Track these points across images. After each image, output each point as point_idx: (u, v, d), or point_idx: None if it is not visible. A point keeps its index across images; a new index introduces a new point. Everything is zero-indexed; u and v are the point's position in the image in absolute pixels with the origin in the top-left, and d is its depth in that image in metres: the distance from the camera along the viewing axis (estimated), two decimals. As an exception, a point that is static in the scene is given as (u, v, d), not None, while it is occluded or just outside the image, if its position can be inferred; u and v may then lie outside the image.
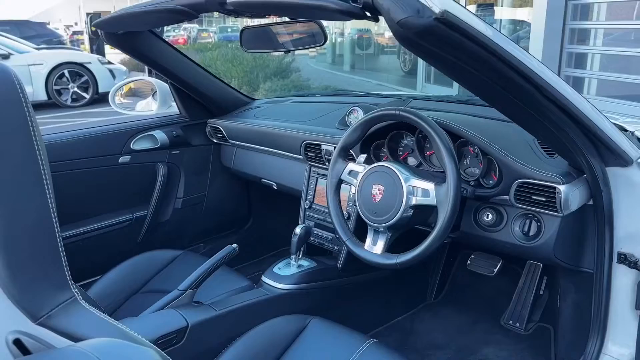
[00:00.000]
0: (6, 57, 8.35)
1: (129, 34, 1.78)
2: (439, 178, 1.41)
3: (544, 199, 1.34)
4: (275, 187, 2.15)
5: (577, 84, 5.69)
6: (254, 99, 2.45)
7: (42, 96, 8.54)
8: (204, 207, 2.34)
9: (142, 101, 2.39)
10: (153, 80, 2.25)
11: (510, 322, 2.00)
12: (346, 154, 1.56)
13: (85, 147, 1.98)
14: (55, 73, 8.60)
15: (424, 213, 1.43)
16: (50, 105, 8.62)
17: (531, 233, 1.42)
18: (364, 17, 0.97)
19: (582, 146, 1.21)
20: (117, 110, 2.27)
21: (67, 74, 8.71)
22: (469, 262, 2.11)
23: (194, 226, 2.34)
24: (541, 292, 1.99)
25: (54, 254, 0.69)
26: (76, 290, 0.72)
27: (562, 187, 1.29)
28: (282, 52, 1.59)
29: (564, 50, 5.70)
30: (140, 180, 2.14)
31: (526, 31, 6.76)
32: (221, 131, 2.24)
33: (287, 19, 1.43)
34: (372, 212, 1.43)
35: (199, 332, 1.45)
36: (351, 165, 1.53)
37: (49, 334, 0.67)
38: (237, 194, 2.49)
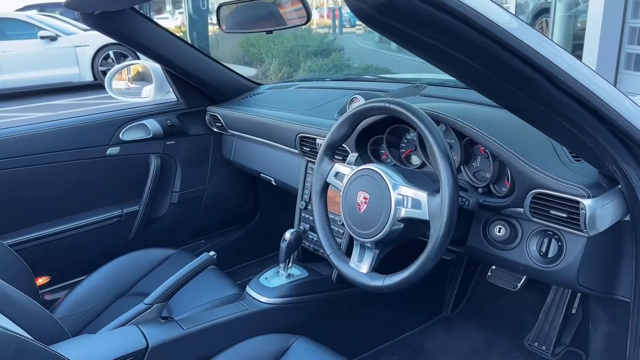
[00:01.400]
0: (54, 38, 8.59)
1: (108, 14, 1.62)
2: (436, 184, 1.17)
3: (565, 215, 1.07)
4: (274, 183, 1.95)
5: (638, 85, 5.19)
6: (259, 84, 2.25)
7: (89, 77, 8.76)
8: (203, 201, 2.18)
9: (148, 86, 2.24)
10: (147, 63, 2.09)
11: (536, 344, 1.74)
12: (334, 153, 1.34)
13: (70, 137, 1.85)
14: (100, 54, 8.75)
15: (417, 227, 1.19)
16: (96, 86, 8.76)
17: (550, 254, 1.15)
18: None
19: (613, 150, 0.93)
20: (112, 97, 2.13)
21: (112, 55, 8.85)
22: (489, 273, 1.84)
23: (193, 222, 2.18)
24: (573, 311, 1.71)
25: None
26: None
27: (587, 202, 1.02)
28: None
29: (623, 50, 5.21)
30: (130, 173, 2.00)
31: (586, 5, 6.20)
32: (220, 120, 2.06)
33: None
34: (357, 224, 1.21)
35: (161, 355, 1.29)
36: (338, 167, 1.30)
37: None
38: (241, 187, 2.30)
